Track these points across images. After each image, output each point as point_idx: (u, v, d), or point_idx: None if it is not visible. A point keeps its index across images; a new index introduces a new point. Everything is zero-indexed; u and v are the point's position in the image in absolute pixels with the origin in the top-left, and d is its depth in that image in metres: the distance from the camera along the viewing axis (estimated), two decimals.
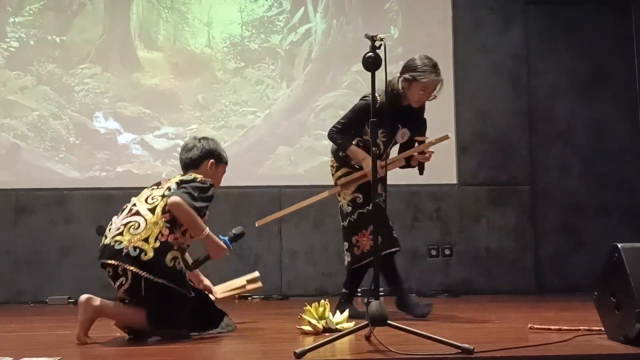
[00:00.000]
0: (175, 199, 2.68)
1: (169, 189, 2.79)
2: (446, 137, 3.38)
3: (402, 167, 3.50)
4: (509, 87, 5.43)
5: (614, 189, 5.41)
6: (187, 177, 2.87)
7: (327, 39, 5.43)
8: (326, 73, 5.40)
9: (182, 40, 5.36)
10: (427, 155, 3.36)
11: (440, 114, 5.42)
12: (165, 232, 2.67)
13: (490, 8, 5.47)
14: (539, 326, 2.80)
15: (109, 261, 2.65)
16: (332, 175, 3.59)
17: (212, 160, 3.00)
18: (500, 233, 5.30)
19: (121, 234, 2.67)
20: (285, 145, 5.30)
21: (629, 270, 2.29)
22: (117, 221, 2.76)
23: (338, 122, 3.45)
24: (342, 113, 3.54)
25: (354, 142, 3.42)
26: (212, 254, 2.87)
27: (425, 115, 3.58)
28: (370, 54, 2.43)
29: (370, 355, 2.22)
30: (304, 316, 2.84)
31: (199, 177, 2.87)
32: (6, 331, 3.26)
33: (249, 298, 4.90)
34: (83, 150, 5.17)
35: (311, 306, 2.86)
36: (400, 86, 3.39)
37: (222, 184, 5.14)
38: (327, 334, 2.66)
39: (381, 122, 3.35)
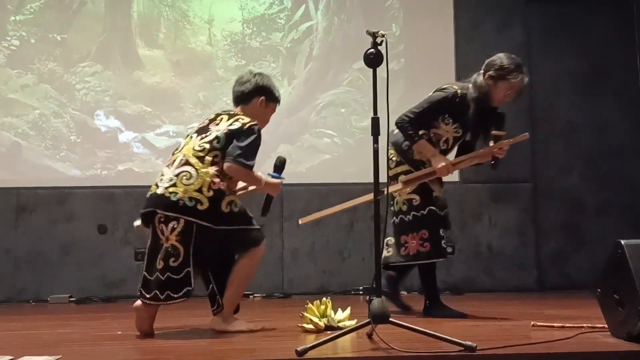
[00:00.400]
0: (231, 166, 2.78)
1: (217, 139, 2.84)
2: (525, 137, 3.35)
3: (471, 165, 3.45)
4: None
5: (615, 187, 5.40)
6: (235, 125, 2.86)
7: (328, 36, 5.42)
8: (327, 71, 5.39)
9: (183, 38, 5.36)
10: (503, 149, 3.31)
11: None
12: (217, 180, 2.77)
13: (491, 6, 5.47)
14: (542, 323, 2.79)
15: (167, 212, 2.73)
16: (389, 169, 3.36)
17: (262, 98, 3.02)
18: (502, 231, 5.29)
19: (174, 185, 2.75)
20: (286, 143, 5.29)
21: (632, 266, 2.28)
22: (168, 172, 2.82)
23: (410, 112, 3.31)
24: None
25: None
26: (272, 193, 3.02)
27: None
28: (372, 50, 2.42)
29: (372, 353, 2.21)
30: (305, 314, 2.83)
31: (246, 121, 2.88)
32: (7, 330, 3.26)
33: (251, 297, 4.89)
34: (84, 149, 5.16)
35: (313, 304, 2.85)
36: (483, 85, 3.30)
37: None
38: (328, 332, 2.65)
39: (457, 116, 3.35)
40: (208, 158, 2.81)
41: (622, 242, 2.35)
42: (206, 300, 2.96)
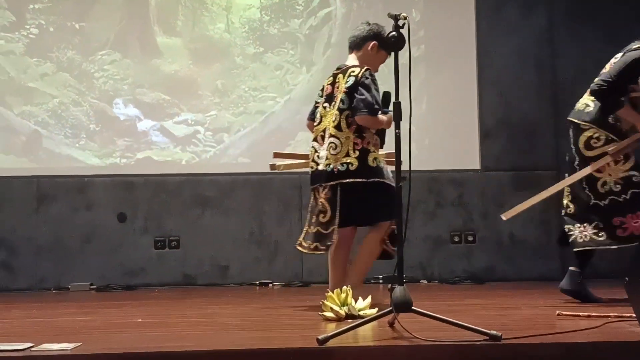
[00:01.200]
0: (361, 118, 3.10)
1: (342, 101, 3.16)
2: None
3: None
4: (533, 71, 5.32)
5: None
6: (350, 80, 3.16)
7: (347, 22, 5.35)
8: (346, 57, 5.31)
9: (201, 26, 5.33)
10: None
11: (463, 99, 5.35)
12: (358, 140, 3.13)
13: None
14: (567, 313, 2.74)
15: (329, 183, 3.12)
16: (593, 148, 3.27)
17: (374, 42, 3.28)
18: (524, 219, 5.20)
19: (327, 158, 3.13)
20: (305, 131, 5.22)
21: None
22: (320, 149, 3.22)
23: (606, 77, 3.18)
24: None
25: None
26: (387, 127, 3.22)
27: (447, 101, 3.49)
28: (394, 33, 2.37)
29: (394, 342, 2.18)
30: (326, 302, 2.80)
31: (357, 72, 3.17)
32: (28, 317, 3.28)
33: (270, 285, 4.88)
34: (103, 137, 5.17)
35: (333, 292, 2.82)
36: None
37: (242, 171, 5.19)
38: (349, 321, 2.62)
39: None
40: (343, 123, 3.15)
41: None
42: (224, 289, 2.94)
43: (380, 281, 4.85)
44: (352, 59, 3.33)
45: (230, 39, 5.32)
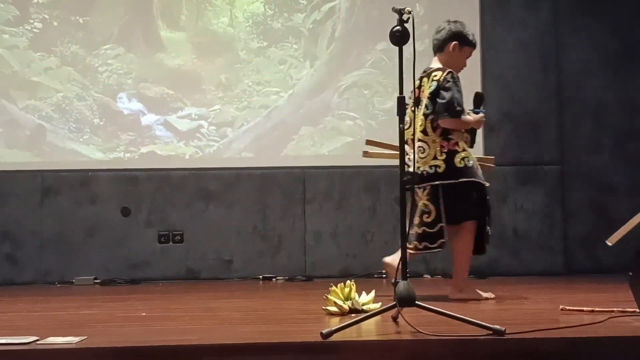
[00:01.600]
0: (444, 121, 3.22)
1: (426, 106, 3.27)
2: None
3: None
4: (537, 65, 5.30)
5: None
6: (433, 85, 3.25)
7: (351, 16, 5.34)
8: (350, 52, 5.32)
9: (204, 20, 5.32)
10: None
11: (467, 93, 5.32)
12: (444, 143, 3.24)
13: None
14: (571, 307, 2.73)
15: (420, 185, 3.25)
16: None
17: (455, 42, 3.34)
18: (528, 214, 5.21)
19: (417, 161, 3.25)
20: (308, 125, 5.25)
21: None
22: (411, 152, 3.23)
23: None
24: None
25: None
26: (477, 126, 3.39)
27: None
28: (398, 27, 2.36)
29: (398, 337, 2.18)
30: (329, 297, 2.81)
31: (439, 76, 3.26)
32: (33, 311, 3.29)
33: (273, 279, 4.89)
34: (107, 132, 5.18)
35: (337, 287, 2.83)
36: None
37: (246, 165, 5.20)
38: (353, 315, 2.63)
39: None
40: (428, 127, 3.26)
41: None
42: (227, 284, 2.95)
43: (384, 276, 4.85)
44: (435, 62, 3.40)
45: (233, 33, 5.31)
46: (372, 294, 2.90)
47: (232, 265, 5.02)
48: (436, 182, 3.21)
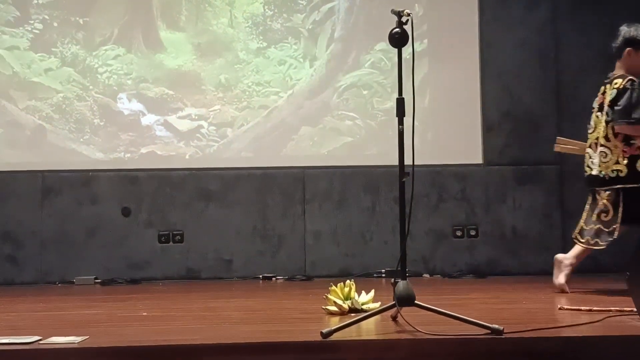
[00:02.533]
0: (620, 128, 3.35)
1: (607, 114, 3.42)
2: None
3: None
4: (536, 64, 5.31)
5: None
6: (613, 93, 3.40)
7: (350, 17, 5.35)
8: (349, 52, 5.33)
9: (204, 21, 5.33)
10: None
11: (466, 93, 5.36)
12: (626, 148, 3.37)
13: None
14: (569, 307, 2.75)
15: (601, 188, 3.41)
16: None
17: (630, 49, 3.47)
18: (526, 213, 5.22)
19: (599, 165, 3.39)
20: (308, 125, 5.26)
21: None
22: (594, 155, 3.45)
23: None
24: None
25: None
26: None
27: (451, 95, 3.52)
28: (397, 29, 2.38)
29: (397, 336, 2.20)
30: (329, 296, 2.82)
31: (618, 84, 3.39)
32: (35, 311, 3.31)
33: (273, 279, 4.91)
34: (107, 132, 5.19)
35: (337, 286, 2.84)
36: None
37: (246, 165, 5.21)
38: (352, 315, 2.64)
39: None
40: (610, 134, 3.40)
41: None
42: (227, 283, 2.96)
43: (383, 275, 4.87)
44: (618, 68, 3.53)
45: (233, 33, 5.33)
46: (372, 293, 2.92)
47: (232, 265, 5.03)
48: (618, 186, 3.35)
